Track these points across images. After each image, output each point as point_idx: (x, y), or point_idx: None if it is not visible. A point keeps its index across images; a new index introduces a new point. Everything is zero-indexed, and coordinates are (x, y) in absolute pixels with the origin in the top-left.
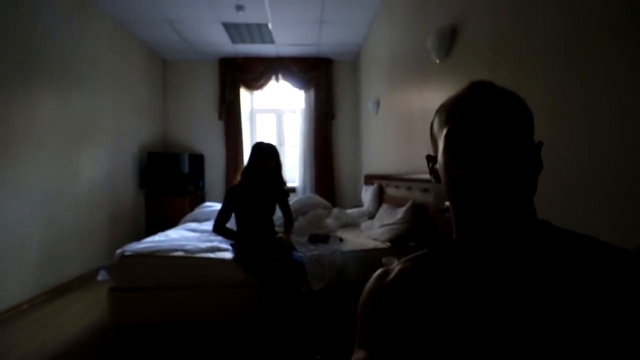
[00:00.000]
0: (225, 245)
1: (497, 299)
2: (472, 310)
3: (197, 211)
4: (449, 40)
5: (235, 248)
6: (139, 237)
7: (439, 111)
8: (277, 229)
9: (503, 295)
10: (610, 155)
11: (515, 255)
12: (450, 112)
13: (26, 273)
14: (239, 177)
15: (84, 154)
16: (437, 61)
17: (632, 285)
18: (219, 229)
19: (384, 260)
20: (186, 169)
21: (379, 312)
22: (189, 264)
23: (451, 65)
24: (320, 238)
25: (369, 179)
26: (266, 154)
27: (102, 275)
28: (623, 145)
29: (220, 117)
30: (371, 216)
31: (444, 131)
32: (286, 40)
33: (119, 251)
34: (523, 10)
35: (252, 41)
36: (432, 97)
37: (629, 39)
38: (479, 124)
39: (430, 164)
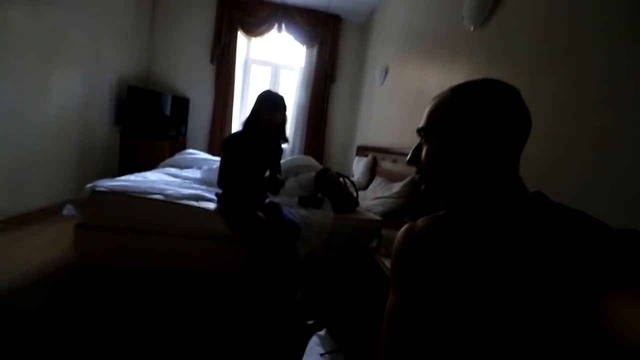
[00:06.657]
0: (209, 194)
1: (489, 257)
2: (470, 264)
3: (178, 157)
4: (491, 5)
5: (220, 200)
6: (110, 176)
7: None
8: None
9: (493, 254)
10: None
11: (504, 223)
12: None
13: None
14: (240, 128)
15: (55, 75)
16: (471, 29)
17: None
18: (229, 182)
19: (383, 231)
20: (168, 111)
21: (408, 262)
22: (168, 209)
23: (487, 36)
24: (313, 202)
25: (363, 151)
26: (276, 107)
27: (68, 210)
28: None
29: (212, 61)
30: (361, 188)
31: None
32: None
33: (89, 185)
34: None
35: None
36: (454, 76)
37: None
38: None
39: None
